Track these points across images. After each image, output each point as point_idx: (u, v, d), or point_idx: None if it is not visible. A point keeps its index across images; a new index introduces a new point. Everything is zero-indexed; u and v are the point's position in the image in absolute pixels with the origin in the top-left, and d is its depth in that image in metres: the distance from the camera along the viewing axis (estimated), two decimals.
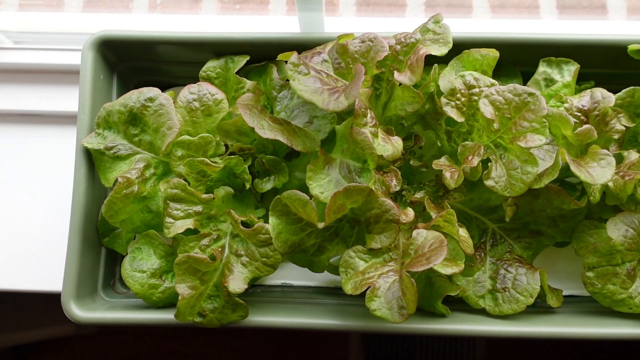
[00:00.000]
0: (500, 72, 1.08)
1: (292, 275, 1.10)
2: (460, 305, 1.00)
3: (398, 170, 0.98)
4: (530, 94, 0.90)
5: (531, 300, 0.95)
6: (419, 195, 0.99)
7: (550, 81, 1.03)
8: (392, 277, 0.87)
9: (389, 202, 0.88)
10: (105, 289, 1.04)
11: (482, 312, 0.97)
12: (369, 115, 0.90)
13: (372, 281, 0.86)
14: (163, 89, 1.05)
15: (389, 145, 0.91)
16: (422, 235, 0.88)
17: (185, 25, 1.48)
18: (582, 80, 1.08)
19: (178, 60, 1.11)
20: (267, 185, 0.99)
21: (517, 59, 1.07)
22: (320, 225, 0.86)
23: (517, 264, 0.98)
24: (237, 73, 1.07)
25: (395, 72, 0.93)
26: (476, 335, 0.92)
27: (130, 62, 1.11)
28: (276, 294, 1.07)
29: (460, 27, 1.45)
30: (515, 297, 0.95)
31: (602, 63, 1.06)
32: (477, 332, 0.92)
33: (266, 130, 0.91)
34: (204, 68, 1.05)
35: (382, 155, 0.89)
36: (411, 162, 1.02)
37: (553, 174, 0.89)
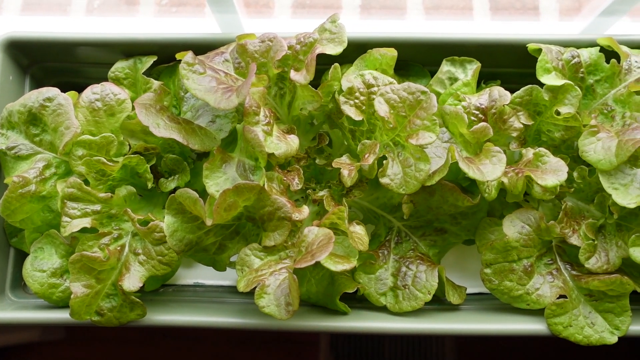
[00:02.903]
0: (410, 71, 1.09)
1: (205, 274, 1.10)
2: (369, 303, 1.00)
3: (301, 169, 0.99)
4: (423, 92, 0.90)
5: (429, 297, 0.95)
6: (322, 193, 0.99)
7: (455, 80, 1.04)
8: (284, 274, 0.87)
9: (281, 199, 0.89)
10: (15, 290, 1.05)
11: (385, 309, 0.98)
12: (261, 114, 0.91)
13: (262, 279, 0.87)
14: (81, 91, 1.06)
15: (283, 144, 0.91)
16: (313, 232, 0.88)
17: (121, 28, 1.48)
18: (491, 80, 1.09)
19: (94, 61, 1.12)
20: (171, 184, 1.00)
21: (426, 59, 1.08)
22: (208, 222, 0.86)
23: (418, 261, 0.98)
24: (151, 73, 1.08)
25: (292, 71, 0.94)
26: (373, 333, 0.93)
27: (44, 63, 1.11)
28: (188, 294, 1.08)
29: (394, 28, 1.48)
30: (415, 294, 0.96)
31: (508, 62, 1.07)
32: (372, 330, 0.92)
33: (161, 129, 0.91)
34: (112, 69, 1.06)
35: (274, 153, 0.89)
36: (317, 161, 1.02)
37: (444, 171, 0.89)
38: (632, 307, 0.94)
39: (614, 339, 0.92)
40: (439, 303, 1.02)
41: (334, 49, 0.95)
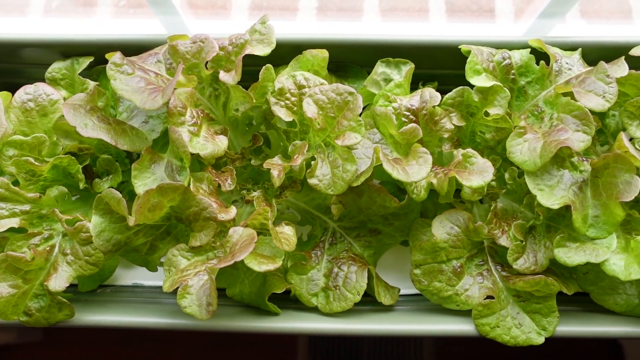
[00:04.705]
0: (349, 73, 1.10)
1: (143, 275, 1.10)
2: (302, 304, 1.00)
3: (234, 169, 0.99)
4: (351, 93, 0.91)
5: (358, 298, 0.95)
6: (255, 194, 0.99)
7: (390, 81, 1.04)
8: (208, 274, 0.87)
9: (206, 200, 0.89)
10: None
11: (317, 310, 0.98)
12: (188, 114, 0.91)
13: (186, 279, 0.87)
14: None
15: (210, 144, 0.91)
16: (238, 232, 0.88)
17: (78, 29, 1.49)
18: (430, 82, 1.10)
19: (35, 62, 1.12)
20: (104, 185, 1.00)
21: (365, 60, 1.08)
22: (131, 222, 0.86)
23: (350, 262, 0.98)
24: (90, 74, 1.08)
25: (222, 71, 0.94)
26: (301, 333, 0.93)
27: None
28: (126, 294, 1.08)
29: (350, 30, 1.48)
30: (345, 294, 0.96)
31: (446, 64, 1.07)
32: (298, 330, 0.93)
33: (89, 130, 0.91)
34: (49, 69, 1.06)
35: (199, 153, 0.90)
36: (252, 162, 1.02)
37: (368, 172, 0.90)
38: (562, 308, 0.95)
39: (540, 340, 0.92)
40: (373, 304, 1.02)
41: (263, 50, 0.95)
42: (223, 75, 0.93)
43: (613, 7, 1.52)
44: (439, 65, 1.08)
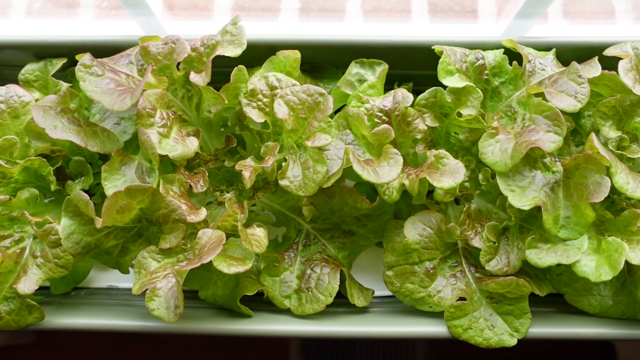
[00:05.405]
0: (324, 74, 1.09)
1: (118, 277, 1.10)
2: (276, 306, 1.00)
3: (206, 171, 0.98)
4: (321, 94, 0.90)
5: (330, 300, 0.95)
6: (227, 195, 0.99)
7: (364, 82, 1.03)
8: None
9: (175, 202, 0.88)
10: None
11: (290, 312, 0.97)
12: (157, 116, 0.90)
13: (155, 281, 0.86)
14: None
15: (180, 146, 0.91)
16: (207, 234, 0.88)
17: (60, 30, 1.48)
18: (405, 83, 1.09)
19: (10, 64, 1.11)
20: (76, 187, 0.99)
21: (341, 61, 1.07)
22: (98, 223, 0.85)
23: (323, 263, 0.98)
24: (65, 76, 1.08)
25: (192, 72, 0.94)
26: (274, 336, 0.93)
27: None
28: (100, 297, 1.07)
29: (332, 30, 1.48)
30: (317, 296, 0.95)
31: (421, 65, 1.06)
32: (269, 332, 0.92)
33: (58, 132, 0.91)
34: (22, 71, 1.06)
35: (168, 155, 0.89)
36: (226, 163, 1.02)
37: (338, 174, 0.89)
38: (536, 310, 0.94)
39: (513, 341, 0.92)
40: (347, 306, 1.01)
41: (234, 51, 0.95)
42: (194, 77, 0.93)
43: (596, 8, 1.52)
44: (414, 65, 1.08)
